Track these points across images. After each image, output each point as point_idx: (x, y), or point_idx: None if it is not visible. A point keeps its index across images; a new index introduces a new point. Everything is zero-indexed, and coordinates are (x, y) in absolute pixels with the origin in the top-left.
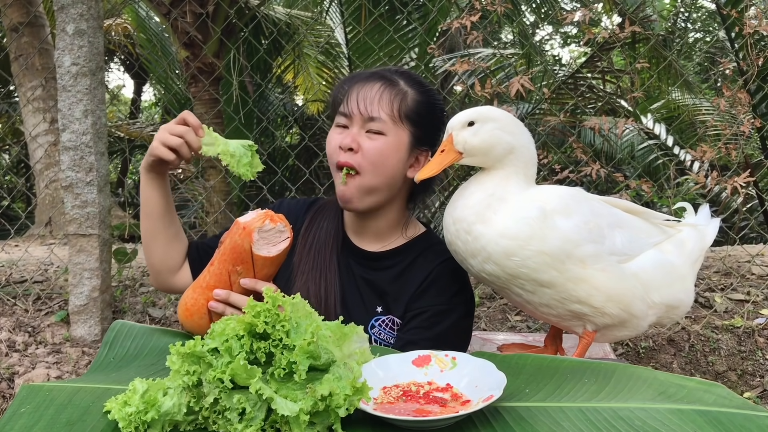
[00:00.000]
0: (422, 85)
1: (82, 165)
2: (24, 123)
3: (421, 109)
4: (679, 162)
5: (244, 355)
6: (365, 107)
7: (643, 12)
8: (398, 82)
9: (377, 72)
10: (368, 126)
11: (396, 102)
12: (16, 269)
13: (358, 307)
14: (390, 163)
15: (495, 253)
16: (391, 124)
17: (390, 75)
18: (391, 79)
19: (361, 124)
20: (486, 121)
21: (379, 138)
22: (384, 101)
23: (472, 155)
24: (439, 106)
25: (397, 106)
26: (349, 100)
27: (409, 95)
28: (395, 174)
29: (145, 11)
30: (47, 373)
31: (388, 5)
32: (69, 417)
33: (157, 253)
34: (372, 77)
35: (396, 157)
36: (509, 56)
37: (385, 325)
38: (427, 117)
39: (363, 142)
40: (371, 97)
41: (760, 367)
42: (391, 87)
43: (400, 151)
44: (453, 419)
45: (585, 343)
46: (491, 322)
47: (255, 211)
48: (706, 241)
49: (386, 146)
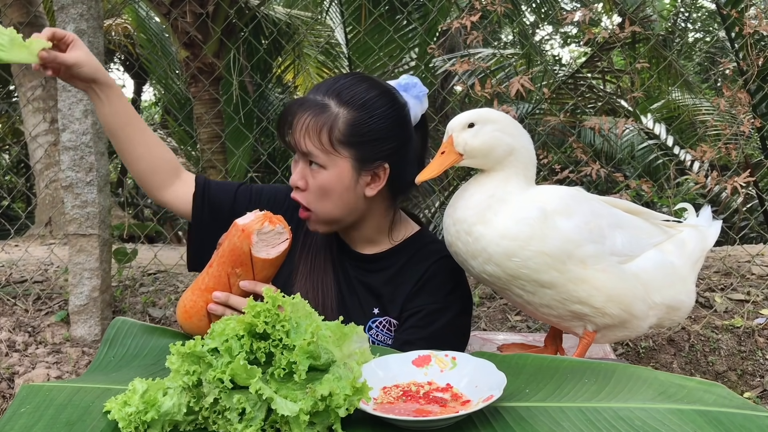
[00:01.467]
0: (356, 100)
1: (82, 165)
2: (24, 123)
3: (356, 129)
4: (679, 162)
5: (244, 355)
6: (296, 142)
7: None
8: (328, 106)
9: (309, 98)
10: (308, 159)
11: (324, 132)
12: (16, 269)
13: (355, 310)
14: (336, 196)
15: (496, 254)
16: (325, 156)
17: (321, 98)
18: (320, 105)
19: (303, 158)
20: (486, 122)
21: (320, 172)
22: (312, 134)
23: (473, 157)
24: (381, 114)
25: (326, 137)
26: (289, 132)
27: (339, 118)
28: (347, 201)
29: (145, 11)
30: (47, 373)
31: (388, 5)
32: (69, 417)
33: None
34: (304, 105)
35: (341, 188)
36: (509, 56)
37: (383, 327)
38: (367, 135)
39: (309, 178)
40: (300, 131)
41: (760, 367)
42: (319, 115)
43: (343, 180)
44: (453, 419)
45: (585, 344)
46: (491, 322)
47: (253, 212)
48: (708, 243)
49: (327, 180)
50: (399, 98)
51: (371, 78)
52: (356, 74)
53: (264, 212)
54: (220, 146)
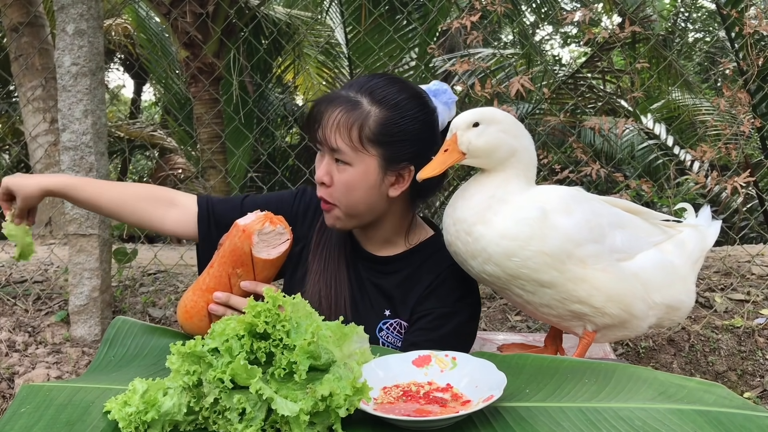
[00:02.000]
0: (389, 100)
1: (82, 165)
2: (24, 123)
3: (387, 129)
4: (679, 162)
5: (245, 355)
6: (325, 137)
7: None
8: (360, 104)
9: (341, 94)
10: (335, 156)
11: (355, 129)
12: (16, 269)
13: (366, 311)
14: (360, 194)
15: (495, 254)
16: (353, 153)
17: (354, 95)
18: (353, 101)
19: (330, 154)
20: (491, 123)
21: (346, 170)
22: (342, 130)
23: (476, 156)
24: (412, 116)
25: (356, 133)
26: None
27: (371, 116)
28: (371, 200)
29: (145, 11)
30: (47, 373)
31: (388, 5)
32: (69, 417)
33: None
34: (335, 101)
35: (366, 186)
36: (509, 56)
37: (393, 329)
38: (397, 135)
39: (334, 174)
40: (330, 126)
41: (760, 367)
42: (350, 111)
43: (369, 178)
44: (453, 419)
45: (585, 343)
46: (491, 322)
47: (254, 212)
48: (707, 243)
49: (353, 178)
50: (429, 103)
51: (404, 80)
52: (389, 75)
53: (265, 213)
54: (220, 146)
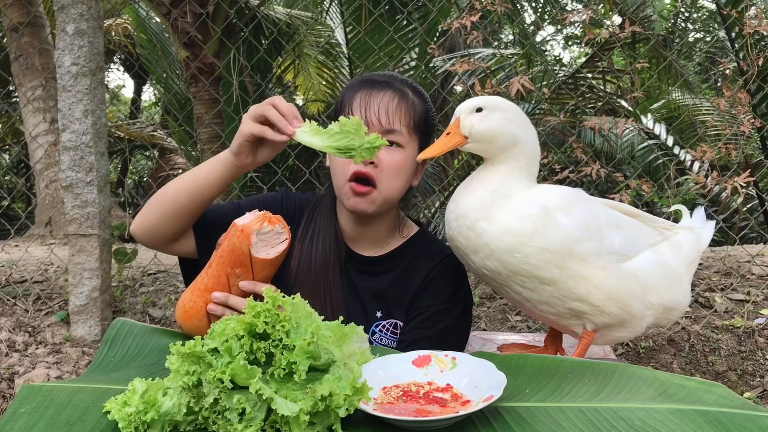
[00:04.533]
0: (423, 93)
1: (82, 165)
2: (24, 123)
3: (427, 118)
4: (679, 162)
5: (244, 355)
6: (386, 119)
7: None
8: (407, 93)
9: (387, 81)
10: (389, 137)
11: (411, 113)
12: (16, 269)
13: (358, 317)
14: (406, 177)
15: (498, 249)
16: (408, 136)
17: (399, 84)
18: (401, 90)
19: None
20: (494, 109)
21: (398, 151)
22: (402, 113)
23: (477, 141)
24: (433, 112)
25: (412, 117)
26: (368, 108)
27: (417, 105)
28: (406, 185)
29: (145, 11)
30: (47, 373)
31: (388, 5)
32: (69, 417)
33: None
34: (385, 87)
35: (410, 170)
36: (509, 56)
37: (386, 330)
38: (430, 125)
39: (383, 156)
40: (392, 108)
41: (760, 367)
42: (405, 98)
43: (413, 163)
44: (453, 419)
45: (585, 343)
46: (491, 322)
47: (252, 212)
48: (702, 243)
49: (405, 160)
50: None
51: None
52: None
53: (263, 212)
54: (220, 146)
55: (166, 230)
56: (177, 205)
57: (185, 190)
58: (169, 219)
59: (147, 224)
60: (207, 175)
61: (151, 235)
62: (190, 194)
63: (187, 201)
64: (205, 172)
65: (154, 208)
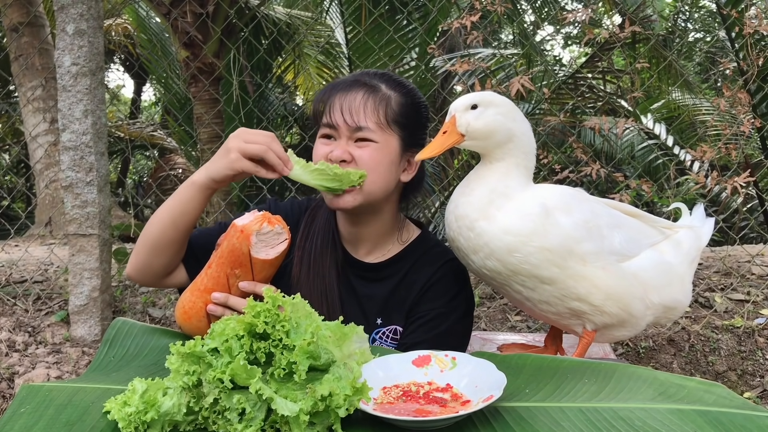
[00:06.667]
0: (404, 86)
1: (82, 165)
2: (24, 123)
3: (406, 111)
4: (679, 162)
5: (244, 355)
6: (351, 118)
7: (643, 12)
8: (380, 87)
9: (357, 79)
10: (356, 135)
11: (381, 108)
12: (16, 269)
13: (358, 324)
14: (383, 169)
15: (498, 249)
16: (380, 132)
17: (370, 80)
18: (372, 85)
19: (348, 135)
20: (489, 105)
21: (369, 145)
22: (369, 109)
23: (474, 138)
24: (423, 105)
25: (383, 112)
26: (333, 111)
27: (392, 99)
28: (387, 179)
29: (145, 11)
30: (47, 373)
31: (388, 5)
32: (69, 417)
33: (164, 259)
34: (353, 85)
35: (387, 162)
36: (509, 56)
37: (386, 337)
38: (413, 118)
39: (354, 151)
40: (356, 106)
41: (760, 367)
42: (374, 94)
43: (391, 155)
44: (453, 419)
45: (585, 343)
46: (491, 322)
47: (252, 212)
48: (702, 241)
49: (377, 152)
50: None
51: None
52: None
53: (263, 213)
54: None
55: (158, 265)
56: (164, 237)
57: (168, 222)
58: (159, 253)
59: (139, 263)
60: (187, 203)
61: (145, 272)
62: (174, 224)
63: (173, 231)
64: (184, 200)
65: (142, 246)
